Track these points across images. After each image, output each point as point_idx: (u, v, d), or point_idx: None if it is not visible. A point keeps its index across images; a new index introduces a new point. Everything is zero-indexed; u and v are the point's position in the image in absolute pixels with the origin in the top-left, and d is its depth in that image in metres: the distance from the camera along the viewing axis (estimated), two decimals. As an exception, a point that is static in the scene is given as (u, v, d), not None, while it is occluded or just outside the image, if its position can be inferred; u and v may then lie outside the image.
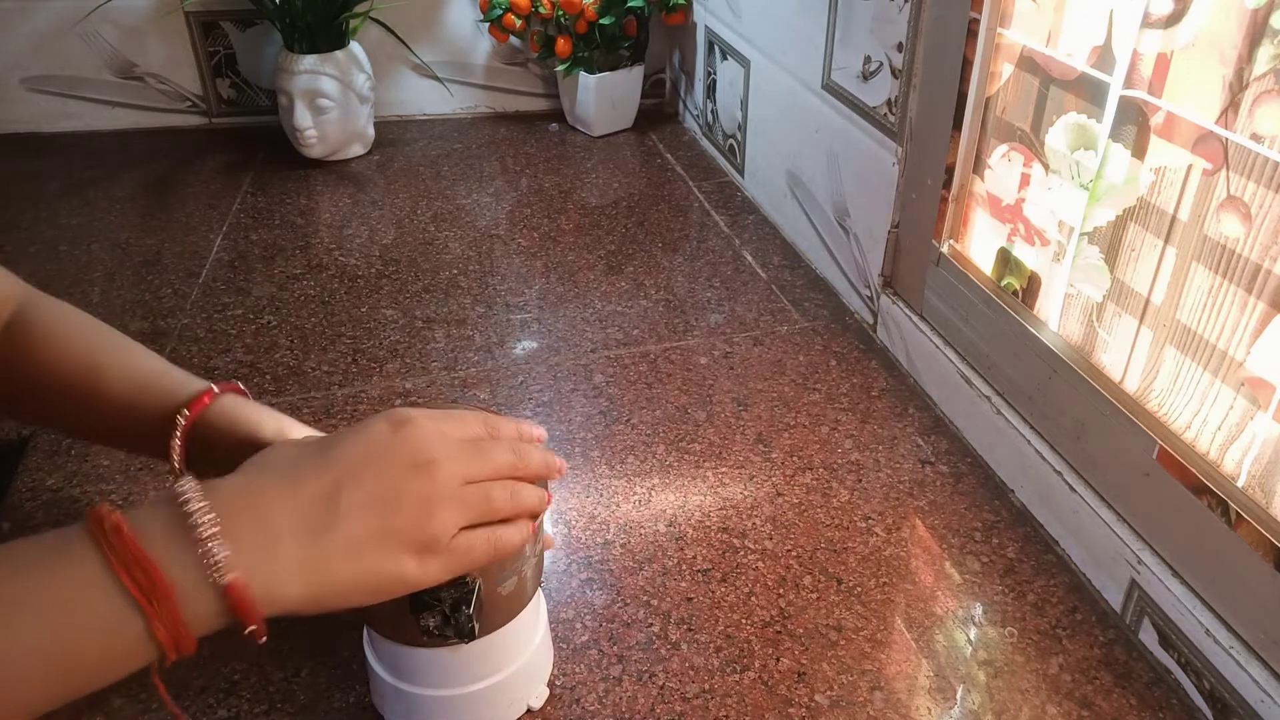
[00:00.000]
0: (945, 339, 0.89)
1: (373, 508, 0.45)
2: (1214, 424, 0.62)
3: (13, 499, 0.75)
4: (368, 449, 0.46)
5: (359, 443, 0.47)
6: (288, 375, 0.92)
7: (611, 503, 0.77)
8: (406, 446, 0.46)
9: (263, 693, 0.61)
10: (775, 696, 0.61)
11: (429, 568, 0.46)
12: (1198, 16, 0.59)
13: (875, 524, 0.75)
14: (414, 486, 0.46)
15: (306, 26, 1.31)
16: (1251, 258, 0.57)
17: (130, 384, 0.59)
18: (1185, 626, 0.62)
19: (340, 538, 0.44)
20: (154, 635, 0.40)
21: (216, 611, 0.42)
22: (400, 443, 0.47)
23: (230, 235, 1.20)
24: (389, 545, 0.45)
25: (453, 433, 0.49)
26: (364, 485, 0.45)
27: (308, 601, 0.44)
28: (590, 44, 1.47)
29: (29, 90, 1.47)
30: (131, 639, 0.40)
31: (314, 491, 0.44)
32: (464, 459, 0.48)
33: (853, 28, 0.98)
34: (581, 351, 0.97)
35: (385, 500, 0.45)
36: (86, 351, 0.60)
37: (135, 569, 0.39)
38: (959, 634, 0.66)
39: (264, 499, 0.44)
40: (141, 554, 0.40)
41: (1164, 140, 0.62)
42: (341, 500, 0.44)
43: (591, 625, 0.66)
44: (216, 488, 0.44)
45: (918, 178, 0.91)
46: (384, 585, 0.46)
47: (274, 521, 0.43)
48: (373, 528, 0.45)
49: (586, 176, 1.40)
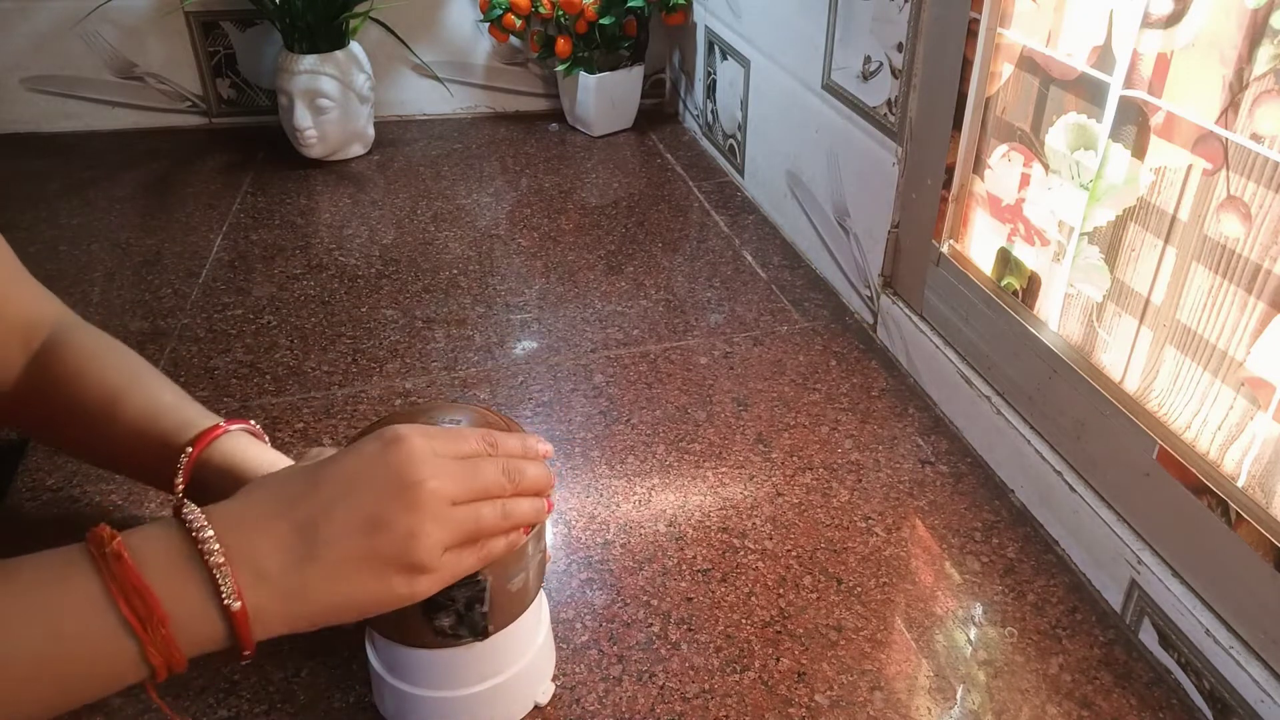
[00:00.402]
0: (945, 339, 0.89)
1: (356, 532, 0.44)
2: (1214, 424, 0.62)
3: (13, 499, 0.75)
4: (355, 471, 0.46)
5: (347, 465, 0.46)
6: (288, 375, 0.92)
7: (611, 503, 0.77)
8: (393, 468, 0.46)
9: (263, 693, 0.61)
10: (775, 696, 0.61)
11: (418, 586, 0.46)
12: (1198, 16, 0.59)
13: (875, 524, 0.75)
14: (399, 509, 0.45)
15: (306, 26, 1.31)
16: (1251, 258, 0.57)
17: (144, 413, 0.60)
18: (1185, 626, 0.62)
19: (322, 565, 0.44)
20: (147, 659, 0.41)
21: (215, 637, 0.43)
22: (387, 464, 0.46)
23: (230, 235, 1.20)
24: (374, 568, 0.45)
25: (445, 450, 0.48)
26: (348, 509, 0.45)
27: (294, 624, 0.45)
28: (590, 44, 1.47)
29: (29, 90, 1.47)
30: (125, 661, 0.41)
31: (300, 517, 0.44)
32: (453, 479, 0.47)
33: (853, 28, 0.98)
34: (581, 351, 0.97)
35: (369, 524, 0.45)
36: (109, 378, 0.61)
37: (134, 597, 0.40)
38: (959, 634, 0.66)
39: (253, 527, 0.44)
40: (141, 583, 0.40)
41: (1164, 140, 0.62)
42: (324, 528, 0.44)
43: (591, 625, 0.66)
44: (214, 514, 0.44)
45: (918, 178, 0.91)
46: (370, 605, 0.46)
47: (261, 551, 0.43)
48: (356, 552, 0.44)
49: (586, 176, 1.40)
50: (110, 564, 0.40)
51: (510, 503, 0.50)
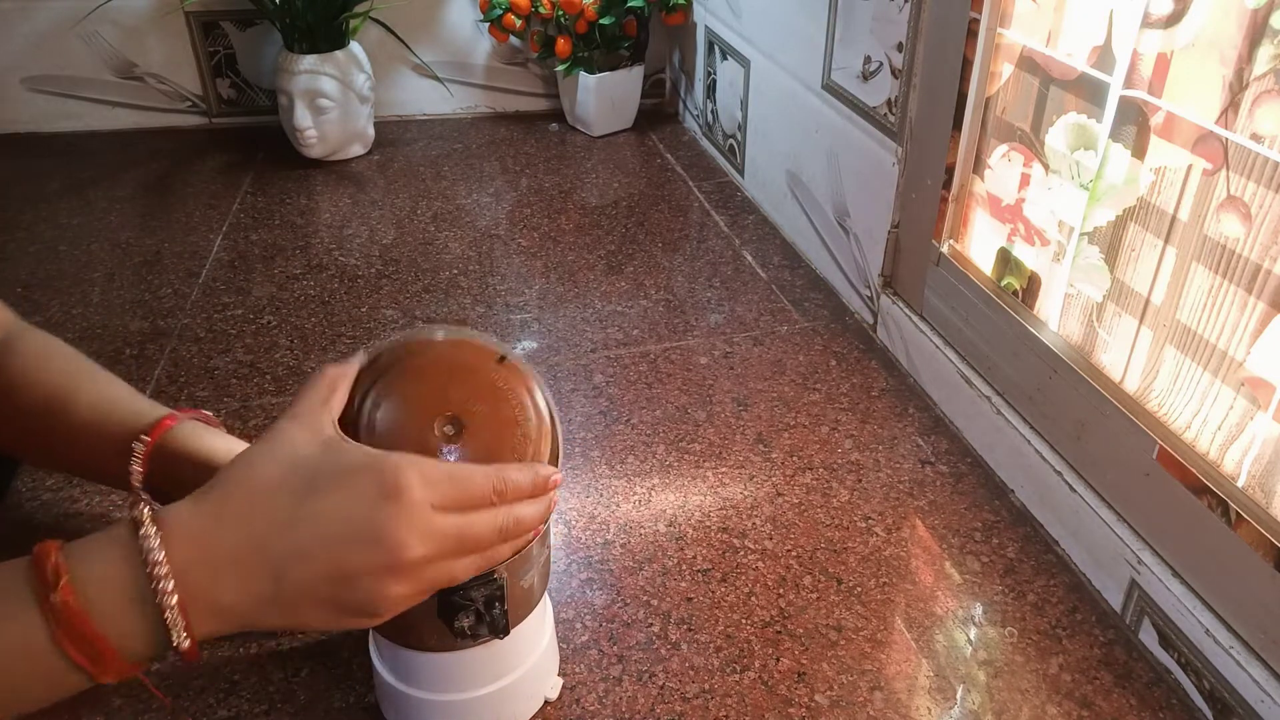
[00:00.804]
0: (945, 339, 0.89)
1: (325, 581, 0.42)
2: (1214, 424, 0.62)
3: (13, 499, 0.75)
4: (342, 518, 0.42)
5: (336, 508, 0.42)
6: (288, 375, 0.92)
7: (611, 503, 0.77)
8: (382, 528, 0.42)
9: (263, 693, 0.61)
10: (775, 696, 0.61)
11: (369, 625, 0.46)
12: (1198, 16, 0.59)
13: (875, 524, 0.75)
14: (374, 570, 0.42)
15: (306, 26, 1.31)
16: (1251, 258, 0.57)
17: (97, 409, 0.60)
18: (1185, 626, 0.62)
19: (282, 605, 0.43)
20: (96, 679, 0.41)
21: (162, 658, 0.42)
22: (375, 522, 0.42)
23: (230, 235, 1.20)
24: (332, 611, 0.43)
25: (446, 501, 0.44)
26: (324, 559, 0.42)
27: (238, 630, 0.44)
28: (590, 44, 1.47)
29: (29, 90, 1.47)
30: (73, 684, 0.41)
31: (273, 557, 0.42)
32: (439, 545, 0.44)
33: (853, 28, 0.98)
34: (581, 351, 0.97)
35: (340, 577, 0.43)
36: (58, 379, 0.61)
37: (83, 643, 0.39)
38: (959, 634, 0.66)
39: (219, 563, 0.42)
40: (91, 632, 0.39)
41: (1164, 140, 0.62)
42: (294, 572, 0.42)
43: (591, 625, 0.66)
44: (176, 538, 0.41)
45: (918, 178, 0.91)
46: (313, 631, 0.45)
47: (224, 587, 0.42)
48: (319, 596, 0.43)
49: (586, 176, 1.40)
50: (58, 612, 0.39)
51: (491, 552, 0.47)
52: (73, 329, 0.99)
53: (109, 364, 0.94)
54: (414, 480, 0.43)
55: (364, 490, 0.43)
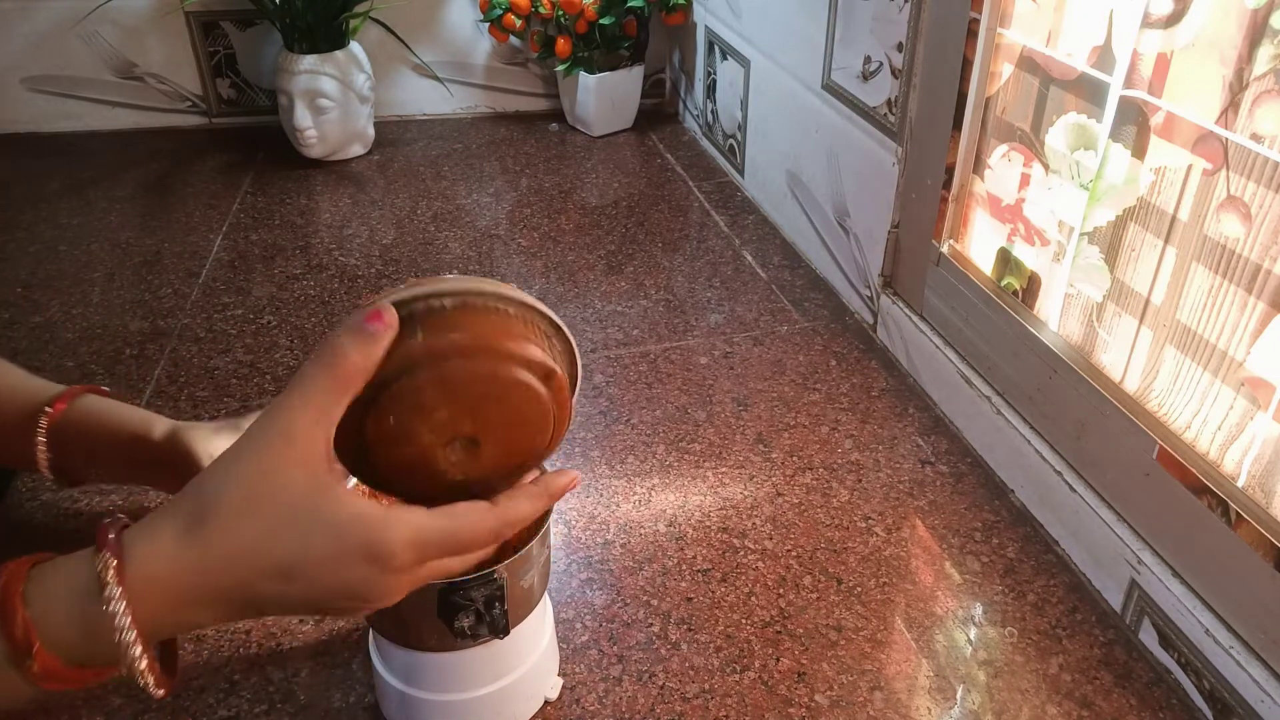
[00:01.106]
0: (945, 339, 0.89)
1: (296, 608, 0.43)
2: (1214, 424, 0.62)
3: (13, 499, 0.75)
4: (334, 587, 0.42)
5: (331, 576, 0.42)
6: (288, 375, 0.92)
7: (611, 503, 0.77)
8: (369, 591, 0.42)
9: (263, 693, 0.61)
10: (775, 696, 0.61)
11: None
12: (1198, 16, 0.59)
13: (875, 524, 0.75)
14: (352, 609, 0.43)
15: (306, 26, 1.31)
16: (1251, 258, 0.57)
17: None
18: (1185, 626, 0.62)
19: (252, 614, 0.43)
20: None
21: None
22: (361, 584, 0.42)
23: (230, 235, 1.20)
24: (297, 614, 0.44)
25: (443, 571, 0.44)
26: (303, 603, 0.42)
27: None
28: (590, 44, 1.47)
29: (29, 90, 1.47)
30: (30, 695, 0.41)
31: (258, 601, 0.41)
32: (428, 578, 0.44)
33: (853, 28, 0.98)
34: (581, 351, 0.97)
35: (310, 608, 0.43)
36: None
37: (53, 682, 0.40)
38: (959, 634, 0.66)
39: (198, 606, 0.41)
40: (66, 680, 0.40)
41: (1164, 140, 0.62)
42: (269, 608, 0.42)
43: (591, 625, 0.66)
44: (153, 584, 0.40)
45: (918, 178, 0.91)
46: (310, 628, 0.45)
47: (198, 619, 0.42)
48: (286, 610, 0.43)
49: (586, 176, 1.40)
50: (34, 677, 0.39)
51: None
52: (73, 329, 0.99)
53: (109, 364, 0.94)
54: (403, 548, 0.42)
55: (352, 552, 0.42)
